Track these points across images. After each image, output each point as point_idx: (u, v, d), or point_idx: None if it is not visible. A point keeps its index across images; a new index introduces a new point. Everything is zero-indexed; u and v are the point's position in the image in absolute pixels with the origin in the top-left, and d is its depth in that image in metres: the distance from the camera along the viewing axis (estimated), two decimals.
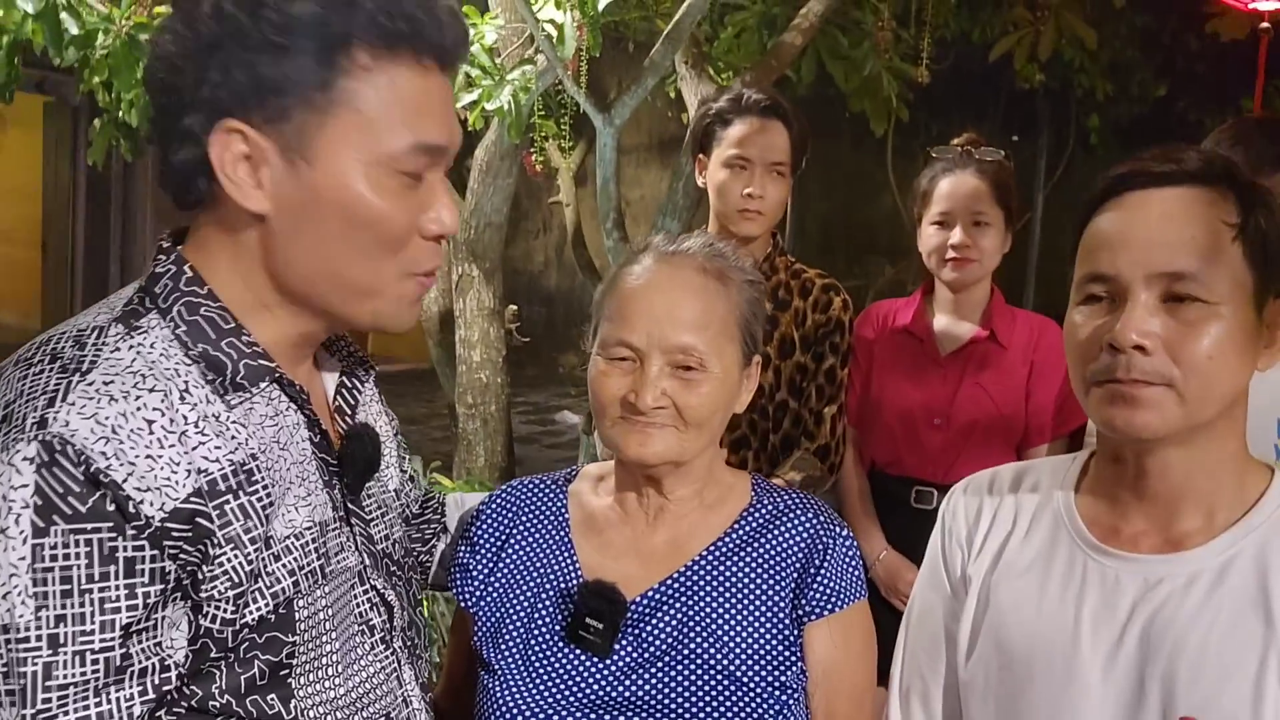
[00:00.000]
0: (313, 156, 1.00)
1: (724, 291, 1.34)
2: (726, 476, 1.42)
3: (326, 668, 1.06)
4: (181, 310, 1.02)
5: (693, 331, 1.29)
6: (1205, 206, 1.11)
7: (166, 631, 0.93)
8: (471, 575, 1.40)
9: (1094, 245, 1.17)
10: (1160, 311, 1.10)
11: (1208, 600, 1.11)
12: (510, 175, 3.43)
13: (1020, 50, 4.27)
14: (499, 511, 1.43)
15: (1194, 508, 1.16)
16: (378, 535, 1.20)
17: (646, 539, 1.36)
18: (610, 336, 1.31)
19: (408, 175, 1.03)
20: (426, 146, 1.03)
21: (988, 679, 1.25)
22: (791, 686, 1.29)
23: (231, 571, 0.96)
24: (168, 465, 0.92)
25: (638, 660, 1.29)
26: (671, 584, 1.32)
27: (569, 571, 1.36)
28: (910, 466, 2.43)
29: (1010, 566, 1.27)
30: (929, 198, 2.39)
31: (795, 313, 2.34)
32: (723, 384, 1.32)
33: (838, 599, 1.32)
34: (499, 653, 1.33)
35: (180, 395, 0.97)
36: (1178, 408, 1.10)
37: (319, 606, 1.05)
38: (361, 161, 1.00)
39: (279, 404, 1.07)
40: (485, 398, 3.57)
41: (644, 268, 1.34)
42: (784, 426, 2.35)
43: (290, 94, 0.99)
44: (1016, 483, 1.34)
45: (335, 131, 1.00)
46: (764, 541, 1.35)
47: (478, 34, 2.92)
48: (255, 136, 0.99)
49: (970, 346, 2.42)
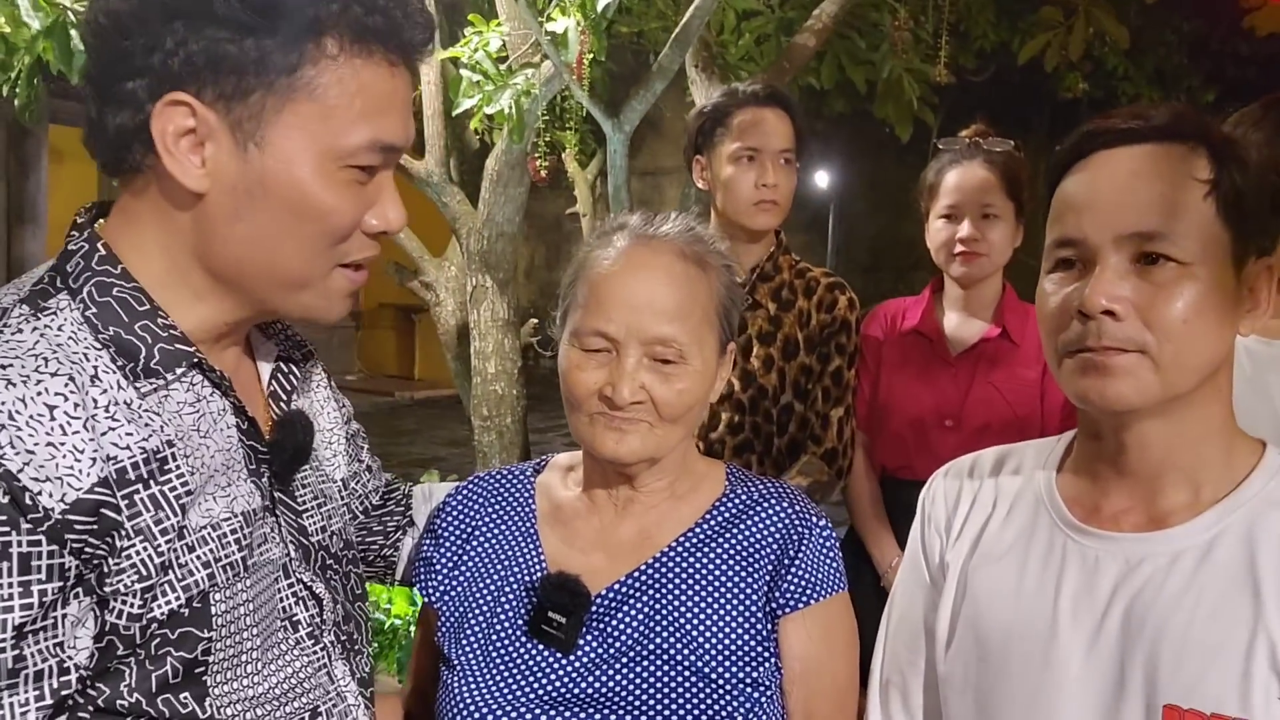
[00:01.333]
0: (264, 141, 0.96)
1: (704, 278, 1.28)
2: (699, 465, 1.37)
3: (245, 664, 1.01)
4: (92, 291, 0.98)
5: (673, 322, 1.23)
6: (1174, 162, 1.05)
7: (69, 630, 0.88)
8: (435, 569, 1.35)
9: (1061, 209, 1.11)
10: (1131, 274, 1.04)
11: (1192, 580, 1.05)
12: (521, 184, 3.41)
13: (1052, 52, 4.17)
14: (465, 504, 1.39)
15: (1177, 483, 1.09)
16: (311, 526, 1.16)
17: (614, 530, 1.31)
18: (585, 326, 1.25)
19: (359, 170, 1.00)
20: (383, 144, 1.01)
21: (966, 671, 1.19)
22: (764, 683, 1.23)
23: (140, 564, 0.92)
24: (70, 453, 0.88)
25: (602, 655, 1.23)
26: (639, 577, 1.27)
27: (533, 564, 1.31)
28: (922, 471, 2.31)
29: (989, 552, 1.21)
30: (936, 190, 2.32)
31: (799, 313, 2.27)
32: (702, 377, 1.27)
33: (814, 591, 1.26)
34: (460, 648, 1.28)
35: (90, 380, 0.92)
36: (1153, 375, 1.04)
37: (239, 601, 1.00)
38: (315, 152, 0.97)
39: (200, 390, 1.03)
40: (500, 410, 3.54)
41: (619, 251, 1.27)
42: (789, 430, 2.28)
43: (251, 75, 0.95)
44: (998, 465, 1.28)
45: (293, 118, 0.96)
46: (737, 532, 1.29)
47: (482, 41, 2.91)
48: (204, 112, 0.95)
49: (981, 345, 2.34)
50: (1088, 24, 4.05)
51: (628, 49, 4.69)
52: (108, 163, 1.01)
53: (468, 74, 2.89)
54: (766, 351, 2.24)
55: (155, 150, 0.96)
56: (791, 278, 2.30)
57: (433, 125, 3.63)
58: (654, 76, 3.06)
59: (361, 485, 1.39)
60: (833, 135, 9.50)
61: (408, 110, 1.04)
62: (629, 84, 3.31)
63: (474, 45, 2.90)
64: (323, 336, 14.26)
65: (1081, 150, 1.11)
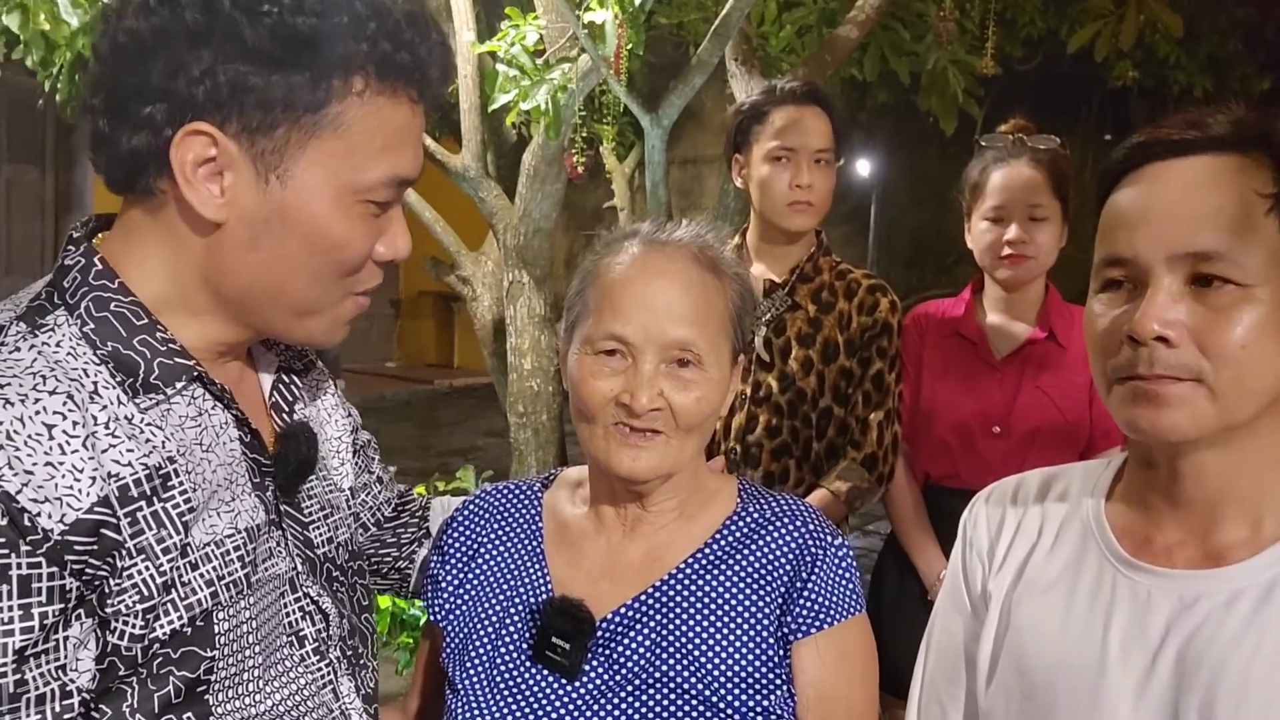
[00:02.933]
0: (286, 174, 0.96)
1: (719, 285, 1.25)
2: (711, 482, 1.32)
3: (248, 682, 1.00)
4: (90, 306, 0.97)
5: (691, 326, 1.20)
6: (1234, 174, 0.98)
7: (71, 653, 0.87)
8: (441, 587, 1.33)
9: (1111, 225, 1.05)
10: (1186, 297, 0.98)
11: (1252, 621, 0.98)
12: (559, 180, 3.37)
13: (1103, 41, 4.06)
14: (471, 520, 1.36)
15: (1236, 516, 1.03)
16: (317, 539, 1.14)
17: (621, 552, 1.27)
18: (598, 331, 1.21)
19: (375, 204, 1.01)
20: (401, 180, 1.02)
21: (1008, 707, 1.14)
22: (776, 711, 1.19)
23: (142, 584, 0.91)
24: (70, 473, 0.87)
25: (608, 683, 1.20)
26: (645, 600, 1.23)
27: (538, 586, 1.27)
28: (969, 478, 2.27)
29: (1034, 582, 1.16)
30: (980, 191, 2.25)
31: (840, 315, 2.23)
32: (719, 386, 1.23)
33: (827, 615, 1.21)
34: (464, 671, 1.25)
35: (90, 396, 0.91)
36: (1209, 405, 0.98)
37: (243, 618, 0.99)
38: (335, 186, 0.98)
39: (202, 403, 1.02)
40: (536, 406, 3.51)
41: (632, 256, 1.24)
42: (828, 434, 2.24)
43: (278, 110, 0.95)
44: (1044, 490, 1.22)
45: (316, 154, 0.97)
46: (748, 552, 1.25)
47: (519, 34, 2.87)
48: (226, 143, 0.95)
49: (1028, 348, 2.28)
50: (1139, 11, 3.93)
51: (668, 40, 4.64)
52: (117, 181, 0.99)
53: (504, 69, 2.85)
54: (806, 354, 2.21)
55: (171, 175, 0.94)
56: (832, 279, 2.25)
57: (469, 119, 3.60)
58: (693, 70, 3.01)
59: (372, 497, 1.38)
60: (876, 126, 9.39)
61: (420, 143, 1.06)
62: (669, 75, 3.27)
63: (510, 39, 2.86)
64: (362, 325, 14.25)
65: (1133, 161, 1.04)
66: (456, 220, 4.11)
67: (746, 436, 2.22)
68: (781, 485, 2.22)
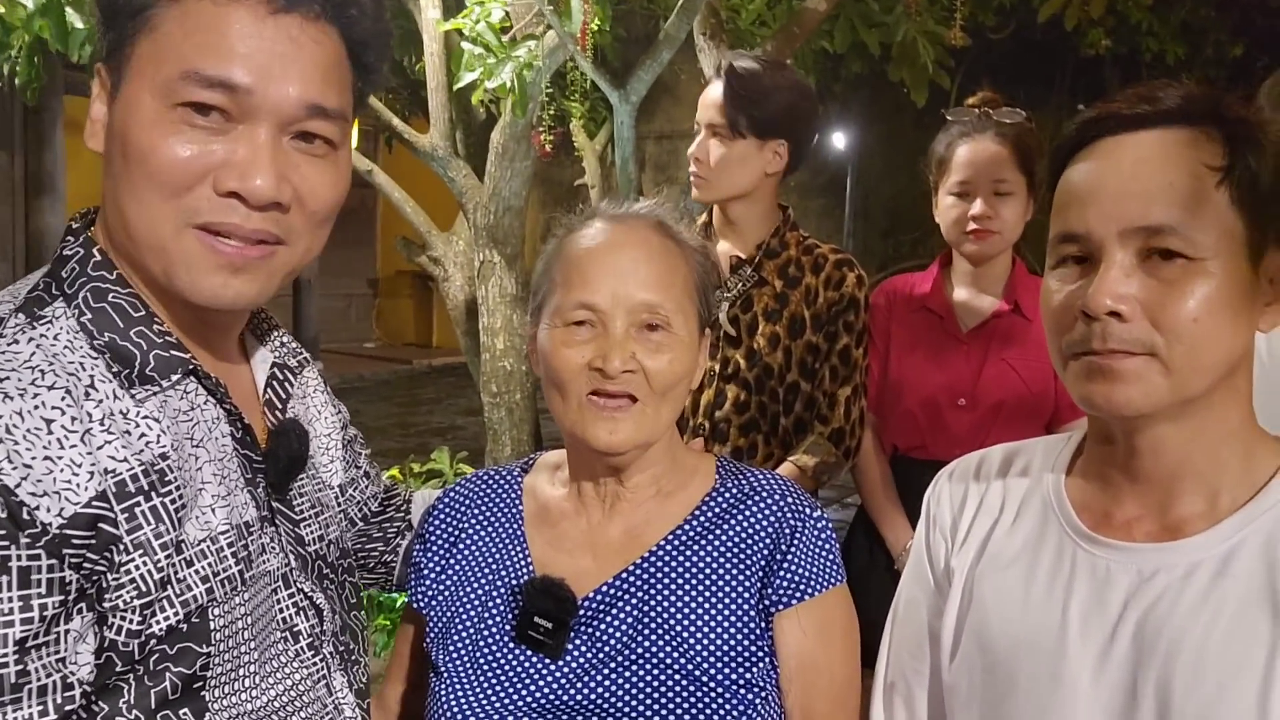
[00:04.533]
0: (120, 89, 0.96)
1: (680, 253, 1.28)
2: (689, 460, 1.34)
3: (244, 678, 0.99)
4: (88, 296, 0.96)
5: (657, 290, 1.23)
6: (1185, 149, 0.98)
7: (70, 646, 0.86)
8: (423, 574, 1.33)
9: (1064, 201, 1.05)
10: (1138, 271, 0.98)
11: (1209, 594, 0.99)
12: (528, 158, 3.35)
13: (1072, 9, 4.05)
14: (452, 507, 1.37)
15: (1193, 490, 1.04)
16: (309, 535, 1.14)
17: (602, 531, 1.29)
18: (567, 301, 1.23)
19: (192, 110, 0.92)
20: (201, 76, 0.92)
21: (971, 683, 1.15)
22: (759, 684, 1.20)
23: (139, 579, 0.90)
24: (68, 467, 0.86)
25: (591, 661, 1.21)
26: (626, 578, 1.24)
27: (520, 567, 1.28)
28: (936, 450, 2.29)
29: (995, 558, 1.16)
30: (946, 166, 2.25)
31: (806, 290, 2.22)
32: (688, 349, 1.26)
33: (808, 586, 1.22)
34: (447, 655, 1.26)
35: (85, 391, 0.91)
36: (1163, 379, 0.98)
37: (237, 615, 0.99)
38: (147, 91, 0.93)
39: (195, 398, 1.01)
40: (510, 386, 3.50)
41: (597, 229, 1.28)
42: (795, 409, 2.24)
43: (115, 27, 0.95)
44: (1006, 466, 1.23)
45: (136, 62, 0.95)
46: (728, 527, 1.26)
47: (484, 11, 2.83)
48: (104, 75, 0.97)
49: (993, 321, 2.29)
50: None
51: (638, 14, 4.60)
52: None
53: (469, 46, 2.82)
54: (773, 329, 2.21)
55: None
56: (799, 254, 2.25)
57: (436, 98, 3.56)
58: (660, 45, 2.99)
59: (360, 492, 1.37)
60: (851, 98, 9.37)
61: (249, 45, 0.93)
62: (640, 49, 3.24)
63: (476, 16, 2.83)
64: (340, 305, 14.32)
65: (1085, 137, 1.05)
66: (427, 200, 4.08)
67: (715, 412, 2.23)
68: (750, 460, 2.22)
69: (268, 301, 1.06)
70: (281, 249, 0.98)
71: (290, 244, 0.99)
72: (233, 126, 0.94)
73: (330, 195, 1.01)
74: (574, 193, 10.45)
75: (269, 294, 1.00)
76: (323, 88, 0.97)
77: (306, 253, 1.02)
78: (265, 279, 0.99)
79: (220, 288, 0.96)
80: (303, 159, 0.98)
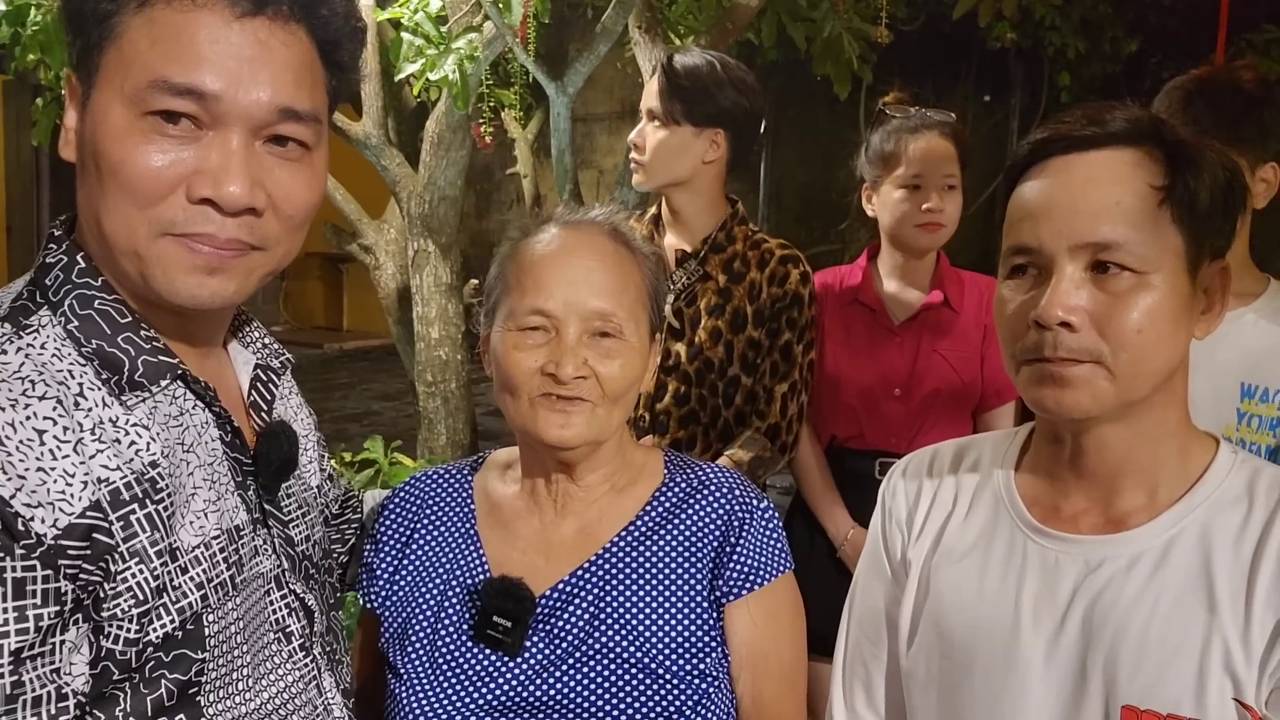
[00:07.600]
0: (91, 96, 0.95)
1: (634, 259, 1.31)
2: (638, 456, 1.36)
3: (237, 682, 1.00)
4: (74, 304, 0.96)
5: (610, 297, 1.25)
6: (1130, 169, 1.06)
7: (66, 656, 0.86)
8: (376, 575, 1.34)
9: (1017, 216, 1.12)
10: (1087, 284, 1.05)
11: (1150, 582, 1.07)
12: (464, 147, 3.35)
13: (985, 6, 4.19)
14: (403, 506, 1.38)
15: (1135, 484, 1.12)
16: (298, 536, 1.15)
17: (555, 529, 1.31)
18: (520, 306, 1.25)
19: (161, 119, 0.92)
20: (170, 84, 0.91)
21: (929, 668, 1.21)
22: (712, 674, 1.24)
23: (136, 588, 0.90)
24: (61, 478, 0.86)
25: (549, 657, 1.23)
26: (581, 575, 1.27)
27: (475, 567, 1.30)
28: (873, 439, 2.36)
29: (950, 550, 1.23)
30: (896, 160, 2.29)
31: (750, 285, 2.24)
32: (639, 355, 1.28)
33: (757, 576, 1.27)
34: (405, 656, 1.27)
35: (75, 400, 0.90)
36: (1108, 385, 1.06)
37: (230, 619, 0.99)
38: (115, 101, 0.93)
39: (184, 402, 1.01)
40: (445, 375, 3.50)
41: (551, 235, 1.29)
42: (735, 403, 2.26)
43: (82, 34, 0.95)
44: (957, 461, 1.29)
45: (105, 71, 0.94)
46: (678, 522, 1.29)
47: (422, 1, 2.83)
48: (75, 84, 0.96)
49: (924, 313, 2.35)
50: None
51: (566, 3, 4.59)
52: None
53: (409, 37, 2.81)
54: (715, 324, 2.22)
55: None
56: (746, 249, 2.26)
57: (370, 86, 3.54)
58: (598, 38, 3.01)
59: (325, 495, 1.38)
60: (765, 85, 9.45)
61: (216, 50, 0.93)
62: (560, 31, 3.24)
63: (414, 6, 2.82)
64: None
65: (1037, 156, 1.11)
66: (357, 188, 4.03)
67: (655, 404, 2.24)
68: (689, 453, 2.25)
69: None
70: (257, 253, 0.98)
71: (267, 249, 0.99)
72: (204, 133, 0.93)
73: (306, 198, 1.00)
74: (501, 184, 10.33)
75: (247, 293, 1.00)
76: (294, 90, 0.96)
77: (285, 256, 1.02)
78: (242, 278, 0.98)
79: (196, 288, 0.96)
80: (276, 163, 0.97)
